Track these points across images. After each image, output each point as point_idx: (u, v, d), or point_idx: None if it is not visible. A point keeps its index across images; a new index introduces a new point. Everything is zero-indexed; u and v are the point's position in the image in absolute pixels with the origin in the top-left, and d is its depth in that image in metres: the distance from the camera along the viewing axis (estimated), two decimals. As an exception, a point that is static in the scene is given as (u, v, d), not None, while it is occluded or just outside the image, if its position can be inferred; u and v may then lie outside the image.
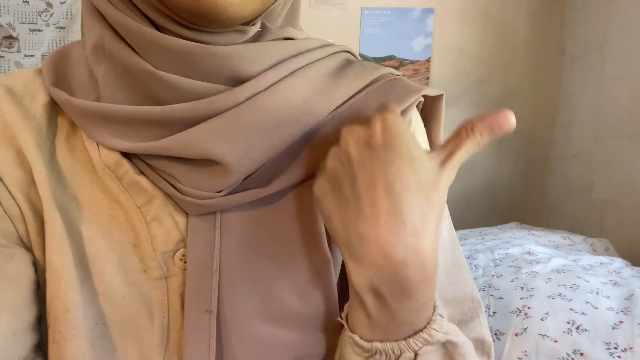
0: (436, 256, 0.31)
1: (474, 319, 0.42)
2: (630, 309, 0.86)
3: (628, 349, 0.79)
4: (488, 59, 1.95)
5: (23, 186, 0.36)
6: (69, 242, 0.35)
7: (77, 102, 0.36)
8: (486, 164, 1.99)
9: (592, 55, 1.75)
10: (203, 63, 0.34)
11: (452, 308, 0.41)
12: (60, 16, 1.92)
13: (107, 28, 0.35)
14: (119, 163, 0.35)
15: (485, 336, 0.42)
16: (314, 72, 0.38)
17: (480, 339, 0.41)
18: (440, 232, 0.43)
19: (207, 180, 0.35)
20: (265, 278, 0.36)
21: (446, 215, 0.44)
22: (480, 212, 1.96)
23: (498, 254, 1.17)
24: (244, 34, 0.35)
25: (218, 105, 0.34)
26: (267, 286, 0.36)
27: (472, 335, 0.41)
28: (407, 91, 0.40)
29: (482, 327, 0.42)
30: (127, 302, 0.35)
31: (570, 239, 1.36)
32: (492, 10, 1.93)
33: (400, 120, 0.32)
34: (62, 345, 0.34)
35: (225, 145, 0.33)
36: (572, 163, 1.85)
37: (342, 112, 0.38)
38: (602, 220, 1.63)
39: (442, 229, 0.43)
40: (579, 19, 1.86)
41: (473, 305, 0.42)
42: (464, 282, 0.43)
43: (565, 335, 0.83)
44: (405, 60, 1.97)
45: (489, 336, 0.42)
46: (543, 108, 1.97)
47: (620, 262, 1.14)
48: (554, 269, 1.05)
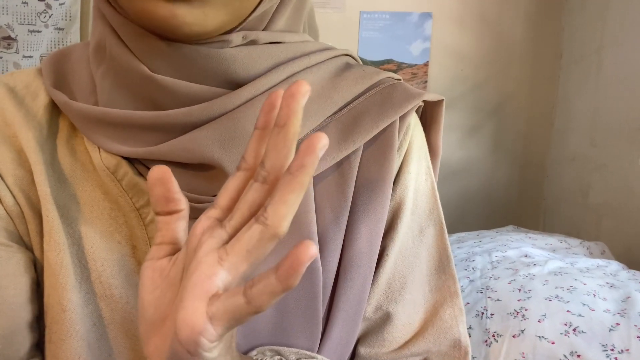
0: None
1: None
2: (626, 311, 0.87)
3: (625, 351, 0.79)
4: (485, 63, 1.96)
5: (23, 185, 0.36)
6: (67, 242, 0.35)
7: (76, 106, 0.36)
8: (483, 167, 2.00)
9: (589, 59, 1.76)
10: (197, 65, 0.34)
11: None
12: (59, 17, 1.92)
13: (109, 28, 0.35)
14: (119, 165, 0.35)
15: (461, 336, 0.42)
16: (312, 75, 0.38)
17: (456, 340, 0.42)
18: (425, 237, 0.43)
19: (204, 184, 0.35)
20: None
21: (434, 222, 0.43)
22: (477, 215, 1.97)
23: (495, 257, 1.17)
24: (227, 42, 0.35)
25: (215, 110, 0.34)
26: None
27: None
28: (406, 96, 0.40)
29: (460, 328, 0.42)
30: (126, 303, 0.35)
31: (566, 242, 1.36)
32: (490, 14, 1.95)
33: None
34: (58, 346, 0.34)
35: (222, 150, 0.34)
36: (569, 166, 1.85)
37: (342, 116, 0.39)
38: (599, 223, 1.64)
39: (426, 234, 0.43)
40: (575, 24, 1.87)
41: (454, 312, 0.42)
42: (445, 288, 0.43)
43: (563, 337, 0.84)
44: (403, 64, 1.97)
45: (465, 337, 0.42)
46: (540, 112, 1.98)
47: (616, 265, 1.15)
48: (551, 271, 1.05)
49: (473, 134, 1.98)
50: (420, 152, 0.43)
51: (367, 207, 0.39)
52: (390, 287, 0.41)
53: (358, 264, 0.39)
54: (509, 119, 1.99)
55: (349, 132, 0.38)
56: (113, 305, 0.35)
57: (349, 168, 0.39)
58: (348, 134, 0.38)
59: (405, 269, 0.41)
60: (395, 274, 0.41)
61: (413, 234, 0.42)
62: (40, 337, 0.36)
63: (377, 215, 0.39)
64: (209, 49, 0.34)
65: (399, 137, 0.41)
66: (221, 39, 0.34)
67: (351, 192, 0.39)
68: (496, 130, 1.99)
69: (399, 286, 0.41)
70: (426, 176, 0.43)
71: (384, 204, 0.39)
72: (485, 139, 1.99)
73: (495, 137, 1.99)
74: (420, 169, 0.43)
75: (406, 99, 0.40)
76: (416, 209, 0.42)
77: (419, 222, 0.42)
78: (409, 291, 0.41)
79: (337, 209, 0.38)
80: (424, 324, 0.41)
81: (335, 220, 0.38)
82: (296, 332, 0.37)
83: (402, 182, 0.41)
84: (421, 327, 0.41)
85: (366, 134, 0.38)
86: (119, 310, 0.35)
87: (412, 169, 0.42)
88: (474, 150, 1.99)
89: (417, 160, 0.42)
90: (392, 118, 0.39)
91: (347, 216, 0.39)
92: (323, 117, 0.38)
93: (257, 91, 0.35)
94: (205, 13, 0.31)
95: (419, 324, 0.42)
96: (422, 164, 0.43)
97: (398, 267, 0.41)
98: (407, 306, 0.41)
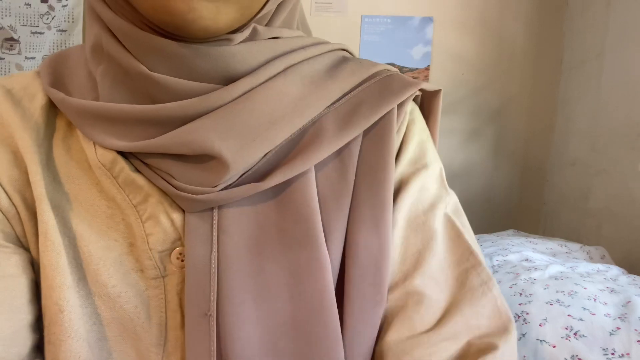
0: None
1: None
2: (626, 315, 0.87)
3: (625, 355, 0.79)
4: (486, 67, 1.97)
5: (19, 186, 0.36)
6: (63, 243, 0.35)
7: (74, 101, 0.36)
8: (483, 171, 2.00)
9: (590, 64, 1.77)
10: (196, 64, 0.34)
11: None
12: (61, 19, 1.92)
13: (104, 29, 0.35)
14: (115, 161, 0.35)
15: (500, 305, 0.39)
16: (309, 67, 0.38)
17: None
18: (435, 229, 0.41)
19: (203, 175, 0.34)
20: (263, 277, 0.35)
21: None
22: (477, 219, 1.97)
23: (496, 261, 1.17)
24: (232, 41, 0.35)
25: (213, 101, 0.34)
26: (265, 285, 0.35)
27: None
28: (404, 85, 0.40)
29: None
30: (124, 302, 0.35)
31: (567, 246, 1.37)
32: (491, 19, 1.95)
33: None
34: (57, 346, 0.34)
35: (222, 140, 0.33)
36: (569, 171, 1.86)
37: (341, 106, 0.39)
38: (599, 228, 1.64)
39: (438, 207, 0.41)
40: (576, 29, 1.88)
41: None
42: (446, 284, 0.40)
43: (564, 340, 0.84)
44: (404, 67, 1.98)
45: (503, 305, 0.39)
46: (540, 116, 1.99)
47: (616, 270, 1.15)
48: (551, 275, 1.05)
49: (474, 138, 1.98)
50: (423, 135, 0.43)
51: (370, 189, 0.38)
52: (405, 264, 0.39)
53: (365, 245, 0.37)
54: (510, 124, 1.99)
55: (348, 120, 0.38)
56: (111, 304, 0.35)
57: (349, 155, 0.39)
58: (347, 122, 0.38)
59: (418, 242, 0.40)
60: (407, 249, 0.39)
61: (424, 208, 0.41)
62: (40, 338, 0.36)
63: (381, 195, 0.38)
64: (208, 48, 0.34)
65: (398, 123, 0.41)
66: (226, 37, 0.35)
67: (352, 178, 0.38)
68: (497, 134, 2.00)
69: (414, 261, 0.39)
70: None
71: (387, 183, 0.38)
72: (486, 143, 2.00)
73: (495, 141, 2.00)
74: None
75: (404, 87, 0.40)
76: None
77: (427, 196, 0.41)
78: (427, 266, 0.39)
79: (339, 195, 0.38)
80: (452, 299, 0.38)
81: (338, 208, 0.37)
82: (314, 326, 0.35)
83: (404, 158, 0.41)
84: (452, 302, 0.38)
85: (365, 122, 0.38)
86: (117, 309, 0.35)
87: (410, 151, 0.42)
88: (475, 154, 1.99)
89: (416, 142, 0.42)
90: (390, 105, 0.39)
91: (350, 201, 0.38)
92: (322, 107, 0.38)
93: (255, 83, 0.35)
94: (218, 8, 0.31)
95: (447, 299, 0.38)
96: (424, 139, 0.43)
97: (410, 242, 0.39)
98: (427, 281, 0.38)
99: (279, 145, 0.36)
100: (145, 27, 0.34)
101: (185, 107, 0.33)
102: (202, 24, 0.31)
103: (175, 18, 0.31)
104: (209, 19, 0.31)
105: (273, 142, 0.35)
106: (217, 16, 0.31)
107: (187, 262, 0.35)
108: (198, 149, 0.33)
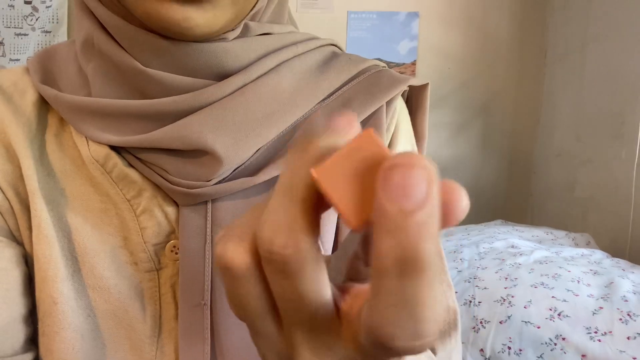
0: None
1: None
2: (609, 295, 0.89)
3: (607, 333, 0.81)
4: (472, 62, 1.99)
5: (12, 180, 0.36)
6: (56, 236, 0.35)
7: (67, 98, 0.36)
8: (471, 163, 2.02)
9: (573, 56, 1.79)
10: (189, 60, 0.34)
11: None
12: (46, 20, 1.91)
13: (96, 25, 0.35)
14: (108, 156, 0.35)
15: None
16: (300, 64, 0.39)
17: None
18: None
19: (197, 170, 0.35)
20: None
21: None
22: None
23: (483, 248, 1.19)
24: (225, 38, 0.35)
25: (206, 97, 0.34)
26: None
27: None
28: (393, 81, 0.41)
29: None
30: (118, 295, 0.35)
31: (553, 233, 1.38)
32: (475, 14, 1.97)
33: None
34: (51, 338, 0.34)
35: (215, 135, 0.34)
36: (555, 162, 1.88)
37: (331, 103, 0.39)
38: (585, 217, 1.66)
39: None
40: (559, 22, 1.90)
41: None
42: None
43: (548, 321, 0.85)
44: (391, 63, 1.99)
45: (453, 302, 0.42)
46: (526, 109, 2.01)
47: (600, 254, 1.17)
48: (536, 260, 1.07)
49: (461, 131, 2.00)
50: (407, 136, 0.44)
51: None
52: None
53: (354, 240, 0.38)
54: (496, 117, 2.01)
55: None
56: (106, 296, 0.35)
57: None
58: None
59: None
60: None
61: None
62: (34, 331, 0.36)
63: None
64: (202, 45, 0.34)
65: (387, 121, 0.42)
66: (222, 37, 0.35)
67: None
68: (484, 127, 2.01)
69: None
70: None
71: None
72: (473, 136, 2.01)
73: (482, 134, 2.02)
74: (407, 150, 0.44)
75: (392, 84, 0.41)
76: None
77: None
78: None
79: None
80: None
81: None
82: None
83: None
84: None
85: None
86: (112, 301, 0.35)
87: (400, 150, 0.43)
88: (462, 148, 2.01)
89: (404, 144, 0.43)
90: (379, 102, 0.40)
91: None
92: (312, 104, 0.38)
93: (248, 79, 0.35)
94: (215, 15, 0.31)
95: None
96: (408, 148, 0.44)
97: None
98: None
99: (272, 141, 0.37)
100: (138, 24, 0.34)
101: (178, 103, 0.34)
102: (198, 32, 0.31)
103: (170, 26, 0.31)
104: (205, 26, 0.31)
105: (266, 138, 0.36)
106: (213, 22, 0.32)
107: (182, 254, 0.35)
108: (192, 144, 0.34)
